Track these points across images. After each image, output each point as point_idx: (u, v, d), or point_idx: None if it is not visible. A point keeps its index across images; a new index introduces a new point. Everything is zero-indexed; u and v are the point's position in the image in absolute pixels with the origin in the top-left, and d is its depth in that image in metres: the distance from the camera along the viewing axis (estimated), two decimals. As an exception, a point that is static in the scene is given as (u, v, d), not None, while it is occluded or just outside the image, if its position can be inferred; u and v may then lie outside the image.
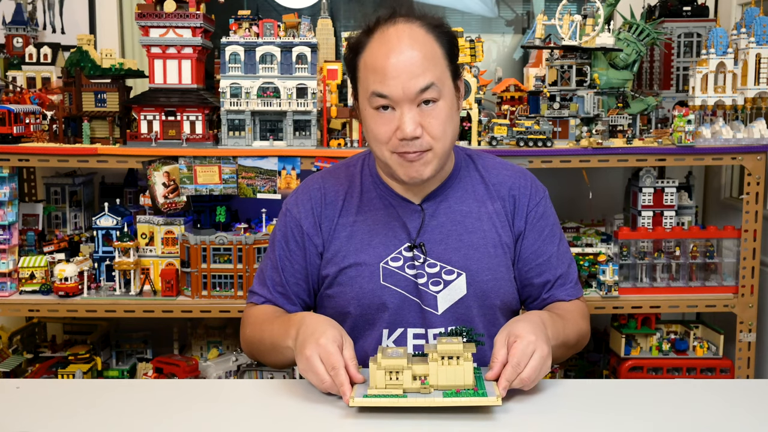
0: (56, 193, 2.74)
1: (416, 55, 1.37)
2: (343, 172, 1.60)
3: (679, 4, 2.69)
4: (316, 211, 1.54)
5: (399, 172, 1.43)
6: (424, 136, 1.39)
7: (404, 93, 1.36)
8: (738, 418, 1.22)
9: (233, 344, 2.71)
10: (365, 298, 1.48)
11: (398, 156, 1.41)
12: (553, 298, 1.58)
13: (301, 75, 2.38)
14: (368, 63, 1.40)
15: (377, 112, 1.40)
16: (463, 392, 1.20)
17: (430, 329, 1.49)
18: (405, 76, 1.36)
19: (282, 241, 1.57)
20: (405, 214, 1.52)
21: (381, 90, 1.37)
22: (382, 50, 1.38)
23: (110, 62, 2.64)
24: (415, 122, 1.37)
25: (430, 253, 1.49)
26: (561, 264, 1.59)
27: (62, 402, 1.30)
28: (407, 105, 1.37)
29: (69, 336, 2.77)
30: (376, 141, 1.42)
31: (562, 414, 1.24)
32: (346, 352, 1.27)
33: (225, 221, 2.47)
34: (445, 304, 1.48)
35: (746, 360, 2.43)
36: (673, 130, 2.36)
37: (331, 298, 1.53)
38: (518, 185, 1.57)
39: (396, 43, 1.37)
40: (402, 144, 1.39)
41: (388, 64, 1.36)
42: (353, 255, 1.50)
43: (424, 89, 1.37)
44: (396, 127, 1.38)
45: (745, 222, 2.40)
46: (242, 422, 1.21)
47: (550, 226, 1.58)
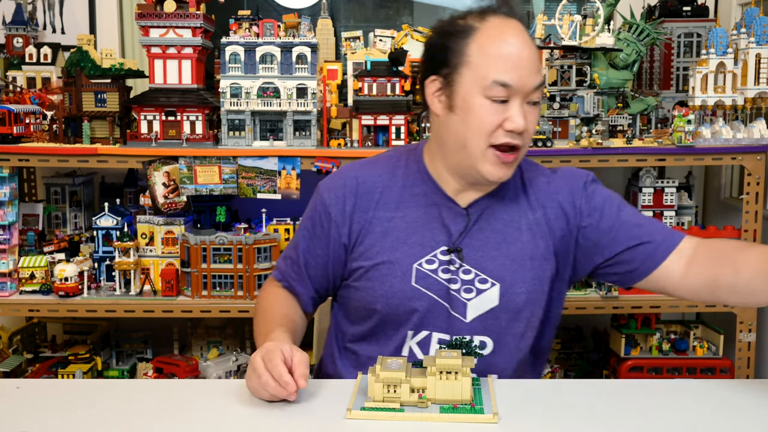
0: (56, 193, 2.74)
1: (535, 52, 1.37)
2: (384, 163, 1.54)
3: (679, 4, 2.69)
4: (348, 199, 1.48)
5: (486, 169, 1.39)
6: (524, 134, 1.38)
7: (525, 86, 1.35)
8: (738, 418, 1.22)
9: (233, 344, 2.71)
10: (394, 297, 1.44)
11: (494, 154, 1.37)
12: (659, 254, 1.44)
13: (301, 75, 2.38)
14: (489, 49, 1.35)
15: (489, 101, 1.35)
16: (460, 408, 1.20)
17: (456, 336, 1.43)
18: (527, 70, 1.35)
19: (308, 222, 1.54)
20: (449, 215, 1.46)
21: (506, 79, 1.34)
22: (507, 39, 1.36)
23: (110, 62, 2.64)
24: (525, 117, 1.36)
25: (467, 259, 1.45)
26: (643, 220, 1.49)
27: (62, 402, 1.30)
28: (520, 99, 1.36)
29: (69, 336, 2.77)
30: (479, 131, 1.37)
31: (562, 414, 1.24)
32: (296, 357, 1.26)
33: (225, 221, 2.47)
34: (474, 312, 1.44)
35: (746, 360, 2.43)
36: (673, 130, 2.36)
37: (358, 291, 1.48)
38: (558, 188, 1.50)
39: (519, 36, 1.36)
40: (507, 136, 1.36)
41: (515, 54, 1.34)
42: (387, 252, 1.46)
43: (537, 87, 1.37)
44: (504, 119, 1.36)
45: (745, 222, 2.40)
46: (242, 422, 1.21)
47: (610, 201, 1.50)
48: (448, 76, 1.40)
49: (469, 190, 1.47)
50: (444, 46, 1.40)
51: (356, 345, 1.53)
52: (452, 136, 1.41)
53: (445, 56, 1.40)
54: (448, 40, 1.40)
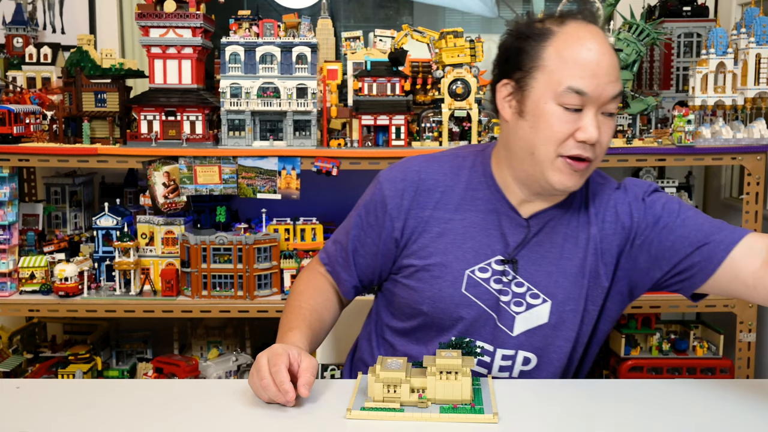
0: (56, 193, 2.75)
1: (615, 60, 1.32)
2: (449, 162, 1.49)
3: (679, 4, 2.69)
4: (407, 193, 1.44)
5: (555, 177, 1.34)
6: (596, 146, 1.33)
7: (601, 94, 1.30)
8: (738, 418, 1.22)
9: (233, 344, 2.71)
10: (442, 302, 1.41)
11: (564, 161, 1.32)
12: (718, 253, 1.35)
13: (301, 75, 2.38)
14: (565, 53, 1.31)
15: (561, 108, 1.31)
16: (460, 408, 1.20)
17: (500, 349, 1.41)
18: (606, 79, 1.30)
19: (362, 210, 1.50)
20: (508, 225, 1.42)
21: (581, 86, 1.29)
22: (586, 44, 1.31)
23: (110, 62, 2.65)
24: (598, 128, 1.31)
25: (521, 271, 1.41)
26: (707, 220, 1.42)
27: (62, 402, 1.30)
28: (594, 109, 1.31)
29: (69, 336, 2.77)
30: (549, 139, 1.32)
31: (562, 414, 1.24)
32: (303, 363, 1.25)
33: (225, 221, 2.47)
34: (522, 327, 1.40)
35: (746, 360, 2.43)
36: (673, 130, 2.36)
37: (406, 288, 1.45)
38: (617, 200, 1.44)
39: (599, 42, 1.31)
40: (578, 147, 1.31)
41: (594, 61, 1.29)
42: (440, 254, 1.42)
43: (615, 97, 1.32)
44: (576, 129, 1.31)
45: (745, 222, 2.40)
46: (242, 422, 1.21)
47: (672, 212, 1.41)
48: (520, 80, 1.35)
49: (533, 201, 1.42)
50: (519, 49, 1.36)
51: (396, 339, 1.51)
52: (520, 143, 1.36)
53: (520, 59, 1.35)
54: (524, 43, 1.35)
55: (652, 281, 1.43)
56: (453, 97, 2.40)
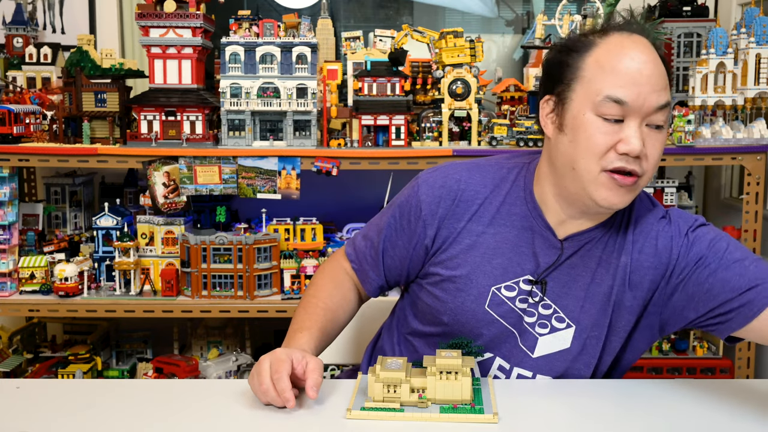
0: (56, 193, 2.75)
1: (660, 70, 1.26)
2: (493, 173, 1.43)
3: (679, 4, 2.69)
4: (444, 202, 1.39)
5: (598, 193, 1.27)
6: (643, 161, 1.25)
7: (644, 105, 1.23)
8: (738, 418, 1.22)
9: (233, 344, 2.71)
10: (462, 315, 1.37)
11: (608, 176, 1.25)
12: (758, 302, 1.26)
13: (301, 75, 2.38)
14: (605, 63, 1.25)
15: (601, 119, 1.24)
16: (460, 408, 1.20)
17: (517, 367, 1.38)
18: (649, 87, 1.23)
19: (397, 211, 1.46)
20: (541, 245, 1.36)
21: (620, 95, 1.22)
22: (626, 53, 1.25)
23: (110, 62, 2.65)
24: (642, 140, 1.23)
25: (550, 293, 1.36)
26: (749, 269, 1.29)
27: (62, 402, 1.29)
28: (638, 120, 1.24)
29: (69, 336, 2.77)
30: (589, 152, 1.25)
31: (562, 414, 1.24)
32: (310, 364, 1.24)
33: (225, 221, 2.47)
34: (543, 350, 1.37)
35: (746, 360, 2.43)
36: (673, 130, 2.36)
37: (430, 295, 1.42)
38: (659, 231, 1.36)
39: (642, 51, 1.26)
40: (620, 160, 1.24)
41: (634, 68, 1.23)
42: (467, 267, 1.37)
43: (662, 107, 1.25)
44: (618, 140, 1.24)
45: (745, 222, 2.40)
46: (242, 422, 1.21)
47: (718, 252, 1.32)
48: (561, 94, 1.31)
49: (573, 221, 1.36)
50: (561, 63, 1.31)
51: (416, 340, 1.49)
52: (561, 158, 1.31)
53: (561, 72, 1.31)
54: (566, 56, 1.31)
55: (686, 321, 1.36)
56: (453, 97, 2.40)
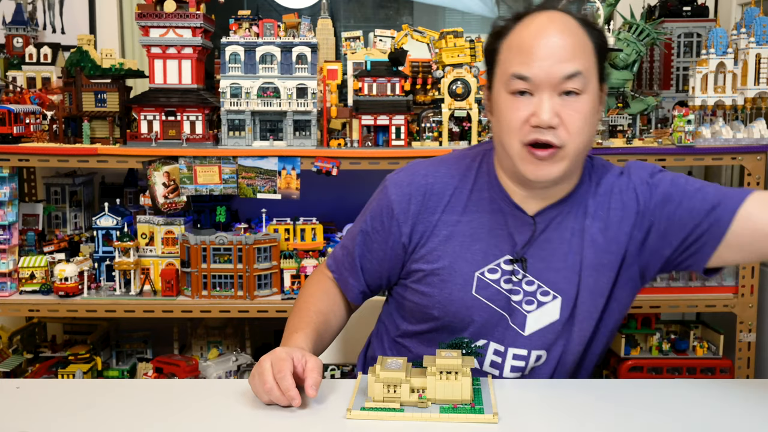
0: (56, 193, 2.75)
1: (567, 41, 1.28)
2: (457, 164, 1.48)
3: (679, 4, 2.69)
4: (414, 198, 1.43)
5: (524, 168, 1.32)
6: (560, 130, 1.28)
7: (547, 77, 1.26)
8: (738, 418, 1.22)
9: (233, 344, 2.71)
10: (452, 305, 1.40)
11: (528, 151, 1.30)
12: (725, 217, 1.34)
13: (301, 75, 2.38)
14: (512, 44, 1.31)
15: (513, 96, 1.30)
16: (460, 408, 1.20)
17: (512, 348, 1.41)
18: (551, 60, 1.26)
19: (368, 216, 1.49)
20: (514, 224, 1.40)
21: (522, 71, 1.27)
22: (529, 31, 1.29)
23: (110, 62, 2.65)
24: (553, 111, 1.27)
25: (531, 269, 1.39)
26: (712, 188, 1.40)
27: (62, 402, 1.30)
28: (548, 91, 1.27)
29: (69, 336, 2.77)
30: (508, 129, 1.31)
31: (562, 414, 1.24)
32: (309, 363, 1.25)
33: (225, 221, 2.47)
34: (533, 326, 1.40)
35: (746, 360, 2.43)
36: (673, 130, 2.36)
37: (416, 293, 1.45)
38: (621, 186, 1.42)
39: (546, 25, 1.29)
40: (534, 132, 1.28)
41: (534, 44, 1.27)
42: (448, 258, 1.41)
43: (569, 76, 1.27)
44: (531, 113, 1.28)
45: (745, 222, 2.40)
46: (242, 422, 1.21)
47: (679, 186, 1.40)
48: (489, 80, 1.38)
49: (537, 198, 1.40)
50: (487, 51, 1.38)
51: (408, 341, 1.50)
52: (496, 139, 1.38)
53: (488, 60, 1.38)
54: (490, 42, 1.37)
55: (663, 259, 1.41)
56: (453, 97, 2.40)
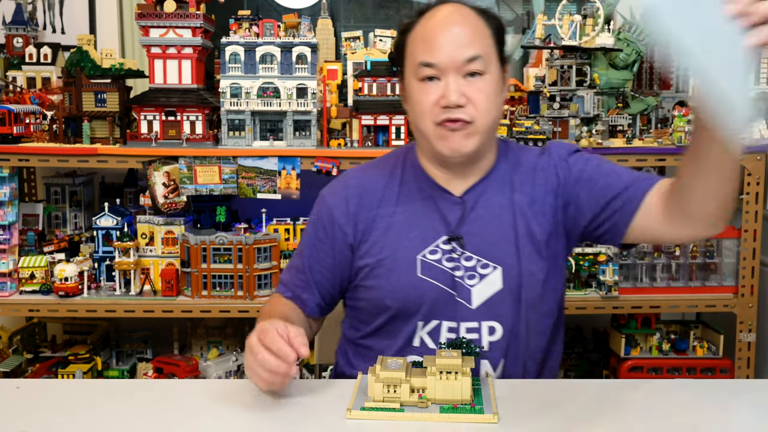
0: (56, 193, 2.74)
1: (466, 29, 1.41)
2: (384, 164, 1.59)
3: (679, 4, 2.69)
4: (351, 199, 1.52)
5: (440, 145, 1.43)
6: (468, 107, 1.40)
7: (451, 61, 1.39)
8: (738, 418, 1.22)
9: (233, 344, 2.71)
10: (402, 291, 1.46)
11: (440, 128, 1.41)
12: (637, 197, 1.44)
13: (301, 75, 2.38)
14: (417, 36, 1.44)
15: (423, 83, 1.42)
16: (460, 408, 1.20)
17: (463, 323, 1.46)
18: (453, 46, 1.39)
19: (311, 228, 1.57)
20: (445, 206, 1.50)
21: (428, 59, 1.40)
22: (431, 23, 1.43)
23: (110, 62, 2.64)
24: (459, 91, 1.39)
25: (468, 245, 1.47)
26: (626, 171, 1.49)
27: (62, 402, 1.30)
28: (453, 74, 1.40)
29: (69, 336, 2.77)
30: (421, 113, 1.43)
31: (562, 414, 1.24)
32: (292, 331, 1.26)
33: (225, 221, 2.47)
34: (479, 298, 1.46)
35: (746, 360, 2.43)
36: (673, 130, 2.36)
37: (367, 290, 1.51)
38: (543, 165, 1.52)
39: (447, 16, 1.42)
40: (445, 112, 1.40)
41: (437, 34, 1.41)
42: (390, 247, 1.49)
43: (470, 59, 1.40)
44: (440, 96, 1.40)
45: (744, 222, 2.40)
46: (242, 422, 1.21)
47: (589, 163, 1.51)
48: (401, 73, 1.51)
49: (460, 179, 1.50)
50: (397, 45, 1.51)
51: (369, 340, 1.54)
52: (413, 125, 1.50)
53: (398, 53, 1.51)
54: (398, 39, 1.50)
55: (581, 229, 1.52)
56: (453, 97, 2.39)
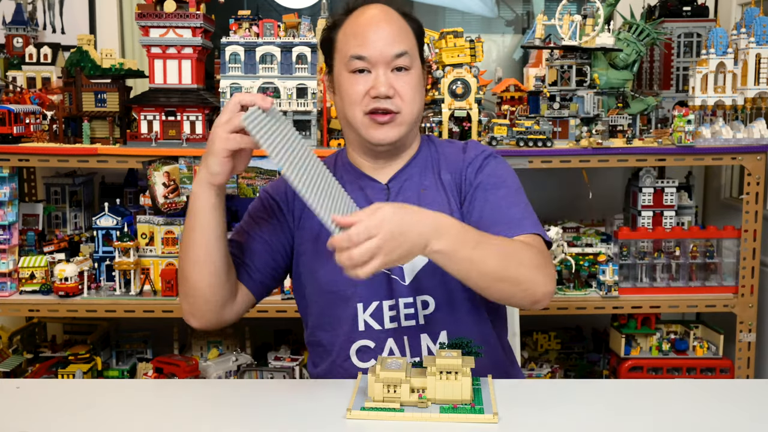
0: (56, 193, 2.75)
1: (393, 28, 1.52)
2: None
3: (679, 4, 2.69)
4: (288, 188, 1.58)
5: (368, 134, 1.51)
6: (396, 98, 1.49)
7: (381, 55, 1.48)
8: (738, 418, 1.22)
9: (233, 344, 2.71)
10: (335, 273, 1.41)
11: (369, 118, 1.50)
12: None
13: (301, 75, 2.38)
14: (348, 31, 1.52)
15: (353, 75, 1.50)
16: (460, 408, 1.21)
17: (401, 298, 1.50)
18: (383, 42, 1.49)
19: (249, 212, 1.61)
20: (372, 193, 1.57)
21: (360, 52, 1.49)
22: (362, 20, 1.52)
23: (110, 62, 2.64)
24: (388, 83, 1.48)
25: None
26: (497, 206, 1.51)
27: (62, 402, 1.30)
28: (382, 67, 1.49)
29: (69, 336, 2.77)
30: (350, 103, 1.51)
31: (562, 414, 1.24)
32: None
33: (225, 221, 2.47)
34: (410, 273, 1.51)
35: (746, 360, 2.43)
36: (673, 130, 2.36)
37: (302, 275, 1.57)
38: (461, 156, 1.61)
39: (376, 15, 1.52)
40: (374, 102, 1.48)
41: (368, 30, 1.50)
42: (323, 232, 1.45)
43: (399, 55, 1.49)
44: (370, 87, 1.49)
45: (744, 222, 2.40)
46: (242, 422, 1.21)
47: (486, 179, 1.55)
48: (329, 65, 1.59)
49: (385, 168, 1.58)
50: (325, 38, 1.59)
51: (318, 334, 1.57)
52: (340, 115, 1.58)
53: (327, 48, 1.58)
54: (326, 33, 1.58)
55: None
56: (453, 97, 2.40)
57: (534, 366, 2.69)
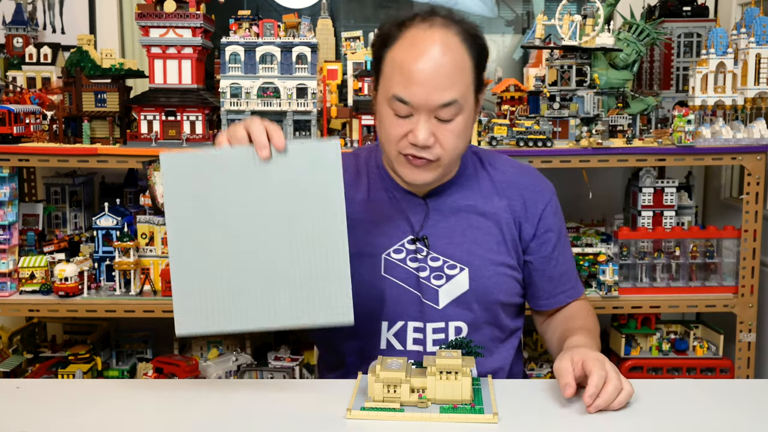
0: (56, 193, 2.75)
1: (446, 65, 1.34)
2: (351, 162, 1.59)
3: (679, 4, 2.69)
4: None
5: (402, 172, 1.44)
6: (435, 147, 1.38)
7: (425, 103, 1.35)
8: (738, 418, 1.22)
9: (233, 344, 2.71)
10: (362, 287, 1.44)
11: (405, 158, 1.41)
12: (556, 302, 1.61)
13: (301, 75, 2.38)
14: (396, 60, 1.37)
15: (393, 113, 1.39)
16: (460, 408, 1.21)
17: (429, 323, 1.47)
18: (430, 86, 1.34)
19: None
20: (409, 206, 1.51)
21: (403, 95, 1.35)
22: (412, 52, 1.35)
23: (110, 62, 2.64)
24: (429, 132, 1.36)
25: (434, 247, 1.49)
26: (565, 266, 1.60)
27: (62, 402, 1.30)
28: (425, 115, 1.36)
29: (69, 336, 2.77)
30: (387, 139, 1.42)
31: (562, 414, 1.24)
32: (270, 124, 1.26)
33: (225, 221, 2.47)
34: (446, 298, 1.47)
35: (746, 360, 2.43)
36: (673, 130, 2.36)
37: None
38: (527, 185, 1.56)
39: (428, 46, 1.34)
40: (411, 148, 1.39)
41: (415, 69, 1.34)
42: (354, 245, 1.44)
43: (445, 105, 1.35)
44: (409, 131, 1.37)
45: (745, 222, 2.40)
46: (242, 422, 1.21)
47: (558, 231, 1.58)
48: (376, 79, 1.47)
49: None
50: (375, 49, 1.45)
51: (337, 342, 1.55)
52: (379, 136, 1.49)
53: (375, 60, 1.45)
54: (377, 44, 1.44)
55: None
56: (453, 97, 2.39)
57: (534, 366, 2.69)
